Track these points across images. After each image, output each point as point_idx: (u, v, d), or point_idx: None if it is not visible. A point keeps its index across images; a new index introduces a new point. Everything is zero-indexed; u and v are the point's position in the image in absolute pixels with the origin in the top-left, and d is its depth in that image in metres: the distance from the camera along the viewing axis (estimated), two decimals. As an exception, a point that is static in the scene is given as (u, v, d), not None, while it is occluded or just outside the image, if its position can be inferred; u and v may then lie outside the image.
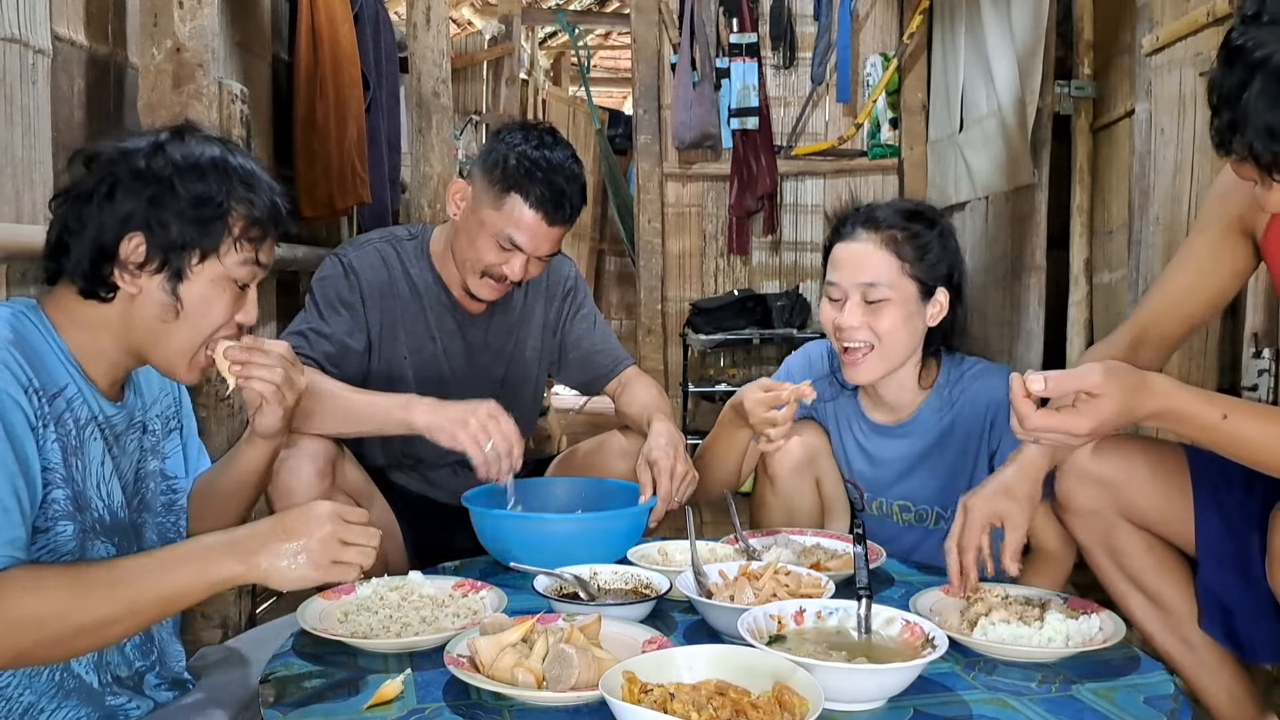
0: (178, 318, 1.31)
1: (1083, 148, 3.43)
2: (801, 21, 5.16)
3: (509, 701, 1.20)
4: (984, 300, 4.31)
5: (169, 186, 1.28)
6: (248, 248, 1.33)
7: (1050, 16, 3.40)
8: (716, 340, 4.78)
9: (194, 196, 1.29)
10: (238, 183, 1.32)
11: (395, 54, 4.17)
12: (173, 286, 1.30)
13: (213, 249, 1.31)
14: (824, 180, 5.21)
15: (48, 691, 1.25)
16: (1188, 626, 1.59)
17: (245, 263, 1.34)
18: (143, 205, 1.28)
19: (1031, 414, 1.29)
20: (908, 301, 1.81)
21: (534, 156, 1.94)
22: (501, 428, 1.76)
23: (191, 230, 1.29)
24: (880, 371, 1.84)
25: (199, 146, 1.33)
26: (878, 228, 1.82)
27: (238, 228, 1.32)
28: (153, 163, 1.29)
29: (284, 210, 1.39)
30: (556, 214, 1.95)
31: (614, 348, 2.28)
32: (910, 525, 1.98)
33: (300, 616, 1.40)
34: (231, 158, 1.34)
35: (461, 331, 2.14)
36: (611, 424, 2.25)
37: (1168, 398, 1.29)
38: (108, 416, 1.33)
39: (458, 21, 7.36)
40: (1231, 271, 1.57)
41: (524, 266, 1.98)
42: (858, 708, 1.20)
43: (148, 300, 1.30)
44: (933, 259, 1.82)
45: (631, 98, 5.47)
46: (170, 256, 1.29)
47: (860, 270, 1.81)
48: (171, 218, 1.28)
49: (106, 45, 2.33)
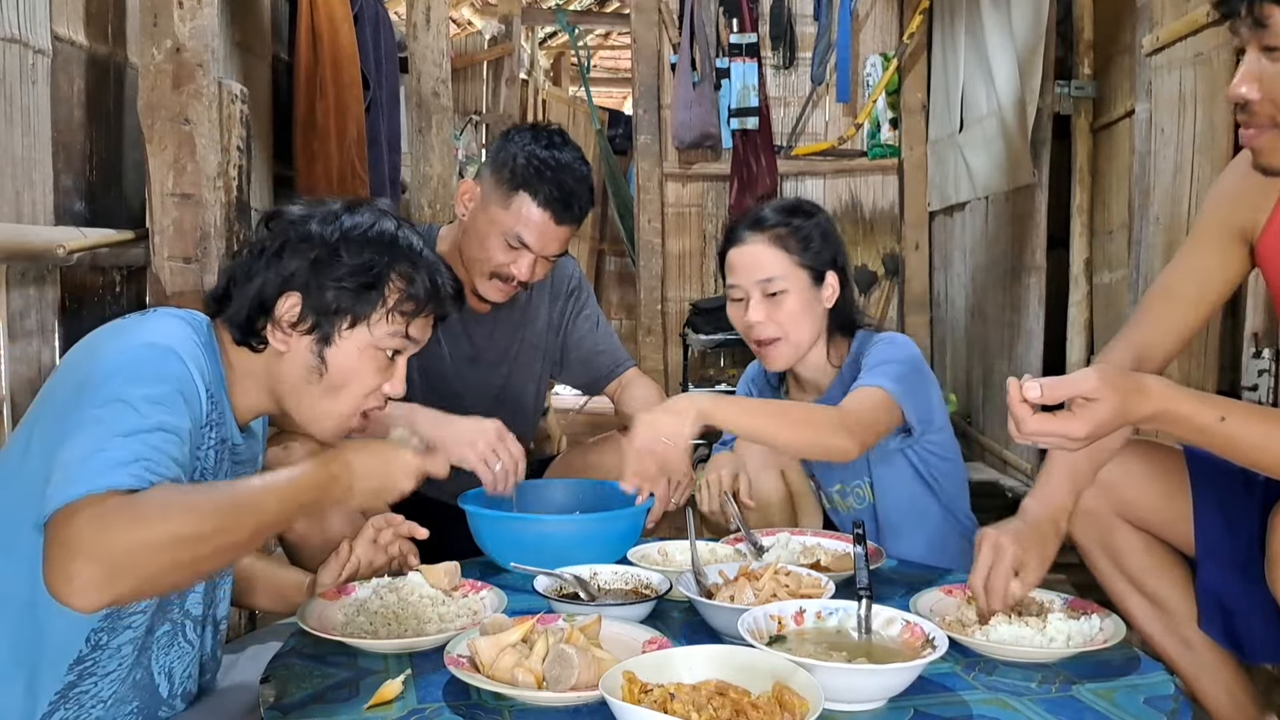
0: (321, 379, 1.34)
1: (1083, 148, 3.43)
2: (801, 21, 5.16)
3: (509, 702, 1.20)
4: (984, 300, 4.31)
5: (333, 251, 1.33)
6: (399, 320, 1.36)
7: (1050, 16, 3.40)
8: (716, 340, 4.78)
9: (355, 265, 1.33)
10: (401, 257, 1.36)
11: (395, 54, 4.17)
12: (320, 349, 1.33)
13: (364, 317, 1.34)
14: (824, 180, 5.21)
15: (124, 696, 1.26)
16: (1187, 627, 1.59)
17: (395, 335, 1.36)
18: (305, 267, 1.32)
19: (1028, 418, 1.29)
20: (803, 289, 1.94)
21: (543, 156, 1.95)
22: (509, 448, 1.80)
23: (347, 297, 1.32)
24: (793, 356, 1.97)
25: (371, 218, 1.37)
26: (764, 228, 1.95)
27: (393, 299, 1.35)
28: (324, 228, 1.34)
29: (447, 292, 1.42)
30: (565, 213, 1.96)
31: (616, 349, 2.28)
32: (853, 510, 2.04)
33: (300, 617, 1.40)
34: (401, 234, 1.38)
35: (466, 332, 2.14)
36: (611, 424, 2.25)
37: (1164, 400, 1.29)
38: (237, 445, 1.37)
39: (458, 21, 7.35)
40: (1227, 279, 1.57)
41: (532, 266, 1.99)
42: (858, 708, 1.20)
43: (295, 360, 1.33)
44: (816, 247, 1.95)
45: (631, 98, 5.48)
46: (322, 320, 1.32)
47: (756, 269, 1.93)
48: (329, 282, 1.32)
49: (106, 45, 2.33)
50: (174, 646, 1.32)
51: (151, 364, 1.17)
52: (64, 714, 1.20)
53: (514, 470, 1.81)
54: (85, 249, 2.05)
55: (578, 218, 1.99)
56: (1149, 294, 1.65)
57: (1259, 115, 1.30)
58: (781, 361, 1.96)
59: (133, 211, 2.41)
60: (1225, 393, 2.25)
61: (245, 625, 2.26)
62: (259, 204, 3.40)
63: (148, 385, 1.14)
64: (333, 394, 1.35)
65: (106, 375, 1.14)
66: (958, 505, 2.02)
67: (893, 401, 1.80)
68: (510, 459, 1.80)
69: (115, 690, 1.24)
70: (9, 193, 1.88)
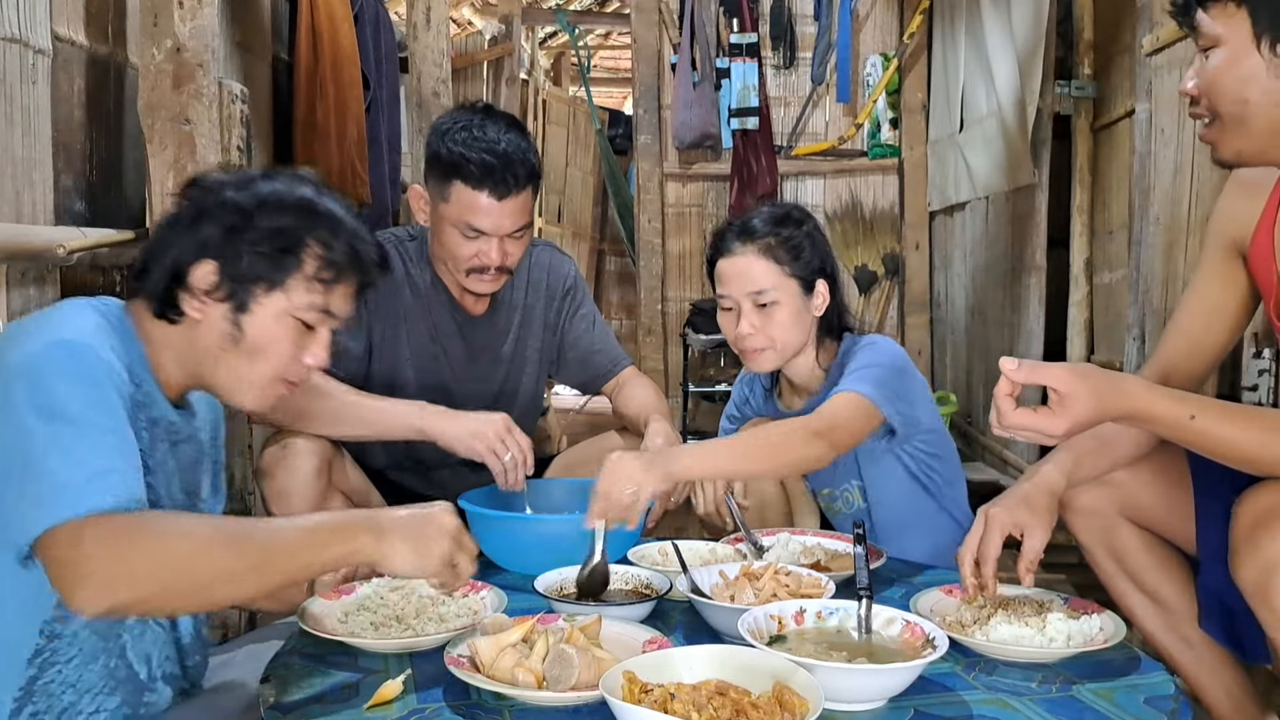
0: (237, 346, 1.31)
1: (1083, 148, 3.43)
2: (801, 21, 5.16)
3: (509, 702, 1.20)
4: (984, 300, 4.31)
5: (249, 218, 1.29)
6: (318, 289, 1.33)
7: (1050, 16, 3.40)
8: (716, 340, 4.78)
9: (271, 230, 1.30)
10: (320, 223, 1.33)
11: (395, 54, 4.17)
12: (236, 316, 1.30)
13: (280, 283, 1.30)
14: (824, 180, 5.21)
15: (95, 685, 1.25)
16: (1188, 626, 1.59)
17: (313, 306, 1.33)
18: (220, 233, 1.29)
19: (1009, 411, 1.34)
20: (794, 299, 1.94)
21: (464, 138, 1.91)
22: (517, 439, 1.84)
23: (263, 263, 1.29)
24: (777, 362, 1.99)
25: (289, 184, 1.34)
26: (753, 238, 1.94)
27: (311, 266, 1.32)
28: (240, 195, 1.31)
29: (370, 259, 1.38)
30: (502, 187, 1.91)
31: (612, 348, 2.27)
32: (843, 513, 2.05)
33: (300, 617, 1.40)
34: (320, 200, 1.35)
35: (462, 333, 2.14)
36: (611, 424, 2.25)
37: (1137, 399, 1.33)
38: (171, 422, 1.35)
39: (458, 21, 7.35)
40: (1240, 297, 1.58)
41: (500, 249, 1.96)
42: (858, 708, 1.20)
43: (210, 327, 1.30)
44: (806, 256, 1.96)
45: (631, 98, 5.48)
46: (238, 287, 1.29)
47: (746, 281, 1.93)
48: (245, 249, 1.29)
49: (106, 45, 2.33)
50: (146, 632, 1.31)
51: (74, 362, 1.16)
52: (34, 708, 1.20)
53: (523, 462, 1.83)
54: (85, 249, 2.05)
55: (519, 185, 1.93)
56: (1169, 324, 1.68)
57: (1203, 110, 1.40)
58: (766, 365, 1.99)
59: (133, 211, 2.41)
60: (1225, 394, 2.25)
61: (245, 625, 2.26)
62: (259, 204, 3.40)
63: (83, 386, 1.14)
64: (250, 361, 1.32)
65: (34, 384, 1.13)
66: (955, 504, 2.03)
67: (870, 405, 1.81)
68: (519, 450, 1.83)
69: (82, 675, 1.23)
70: (9, 193, 1.88)
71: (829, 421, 1.77)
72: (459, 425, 1.84)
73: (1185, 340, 1.62)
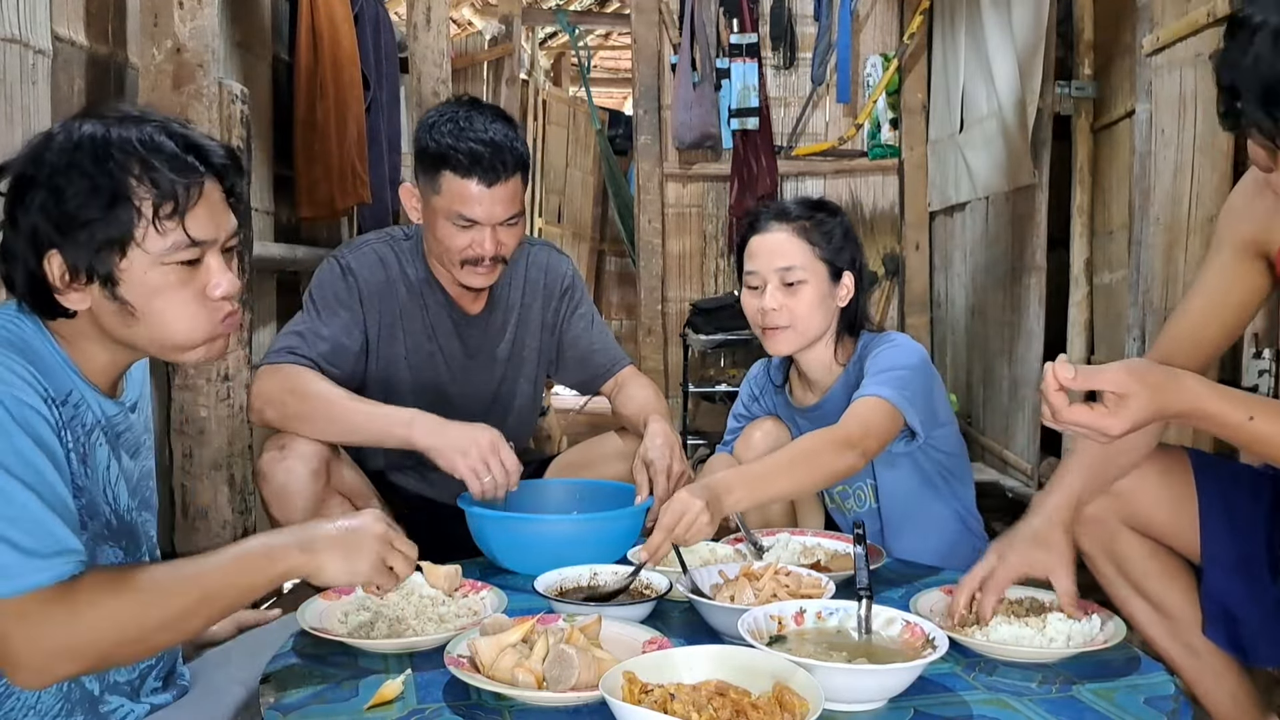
0: (135, 317, 1.20)
1: (1083, 148, 3.43)
2: (801, 22, 5.16)
3: (509, 702, 1.20)
4: (984, 300, 4.31)
5: (56, 191, 1.14)
6: (171, 226, 1.17)
7: (1050, 16, 3.40)
8: (716, 340, 4.78)
9: (81, 192, 1.14)
10: (127, 157, 1.16)
11: (395, 54, 4.18)
12: (113, 291, 1.18)
13: (128, 241, 1.16)
14: (824, 180, 5.21)
15: (53, 708, 1.23)
16: (1191, 633, 1.58)
17: (178, 246, 1.18)
18: (40, 219, 1.15)
19: (1064, 407, 1.29)
20: (821, 282, 1.96)
21: (449, 129, 1.92)
22: (502, 460, 1.78)
23: (98, 228, 1.15)
24: (797, 344, 1.98)
25: (69, 133, 1.17)
26: (789, 219, 1.97)
27: (146, 208, 1.16)
28: (37, 170, 1.16)
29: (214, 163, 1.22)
30: (490, 174, 1.91)
31: (611, 347, 2.27)
32: (854, 511, 2.04)
33: (300, 617, 1.40)
34: (114, 132, 1.16)
35: (458, 332, 2.13)
36: (611, 424, 2.25)
37: (1197, 398, 1.30)
38: (109, 417, 1.29)
39: (458, 21, 7.36)
40: (1246, 294, 1.56)
41: (493, 238, 1.95)
42: (858, 708, 1.20)
43: (102, 310, 1.20)
44: (838, 244, 1.98)
45: (632, 98, 5.47)
46: (93, 264, 1.16)
47: (777, 257, 1.95)
48: (71, 224, 1.15)
49: (106, 45, 2.33)
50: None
51: None
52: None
53: (505, 484, 1.79)
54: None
55: (508, 172, 1.93)
56: (1172, 316, 1.66)
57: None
58: (785, 347, 1.98)
59: (133, 211, 2.40)
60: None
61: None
62: (259, 204, 3.41)
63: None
64: (158, 325, 1.21)
65: None
66: (963, 503, 2.02)
67: (894, 409, 1.80)
68: (502, 473, 1.78)
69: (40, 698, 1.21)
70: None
71: (860, 430, 1.76)
72: (445, 439, 1.79)
73: (1188, 334, 1.60)
